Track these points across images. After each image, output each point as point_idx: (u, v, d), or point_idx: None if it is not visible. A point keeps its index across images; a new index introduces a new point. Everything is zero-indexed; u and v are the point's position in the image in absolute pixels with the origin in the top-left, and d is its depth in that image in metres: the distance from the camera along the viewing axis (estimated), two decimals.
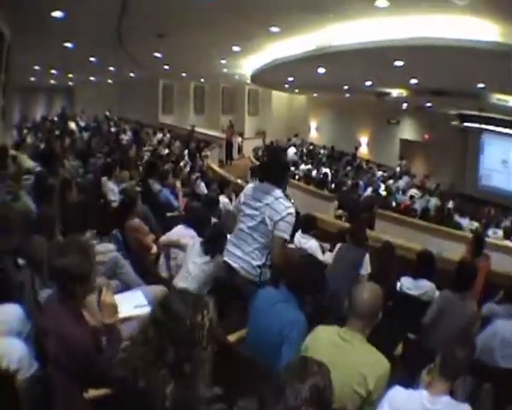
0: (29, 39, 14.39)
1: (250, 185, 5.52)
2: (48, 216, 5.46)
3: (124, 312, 3.88)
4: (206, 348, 2.49)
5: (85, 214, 7.60)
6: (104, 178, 10.95)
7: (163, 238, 7.15)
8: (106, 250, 5.87)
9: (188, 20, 12.44)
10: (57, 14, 11.47)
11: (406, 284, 6.59)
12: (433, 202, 18.96)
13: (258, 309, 4.30)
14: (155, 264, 7.18)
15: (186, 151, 19.92)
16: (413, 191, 20.66)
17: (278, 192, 5.10)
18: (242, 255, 5.14)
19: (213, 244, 5.94)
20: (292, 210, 5.02)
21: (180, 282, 5.87)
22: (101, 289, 3.42)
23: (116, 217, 7.65)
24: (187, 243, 6.40)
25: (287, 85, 27.78)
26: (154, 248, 7.20)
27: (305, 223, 8.32)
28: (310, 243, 7.99)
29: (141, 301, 4.40)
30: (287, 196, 5.33)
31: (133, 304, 4.28)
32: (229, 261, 5.23)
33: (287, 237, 5.01)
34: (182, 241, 6.67)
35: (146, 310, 4.08)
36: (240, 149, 27.99)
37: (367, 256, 6.86)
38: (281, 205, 4.99)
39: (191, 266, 5.93)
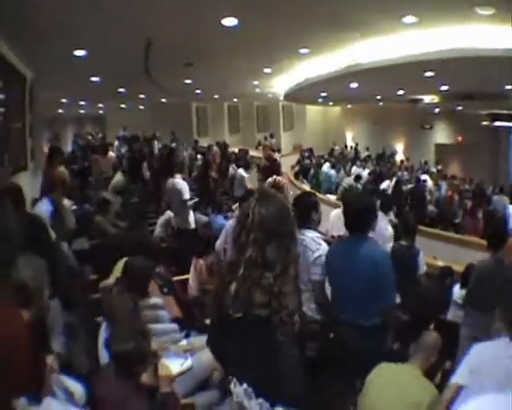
0: (54, 78, 14.73)
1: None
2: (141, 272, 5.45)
3: (174, 371, 4.26)
4: None
5: None
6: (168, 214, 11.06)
7: None
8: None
9: (215, 48, 12.58)
10: (80, 52, 11.67)
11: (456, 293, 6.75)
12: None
13: (343, 259, 4.65)
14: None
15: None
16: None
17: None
18: None
19: None
20: None
21: None
22: (157, 363, 3.80)
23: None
24: None
25: (320, 100, 27.91)
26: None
27: None
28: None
29: (181, 361, 4.65)
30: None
31: (179, 362, 4.56)
32: None
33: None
34: None
35: (188, 363, 4.59)
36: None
37: (421, 255, 6.91)
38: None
39: None
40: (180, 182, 10.26)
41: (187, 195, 10.08)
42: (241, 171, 15.21)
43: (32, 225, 5.48)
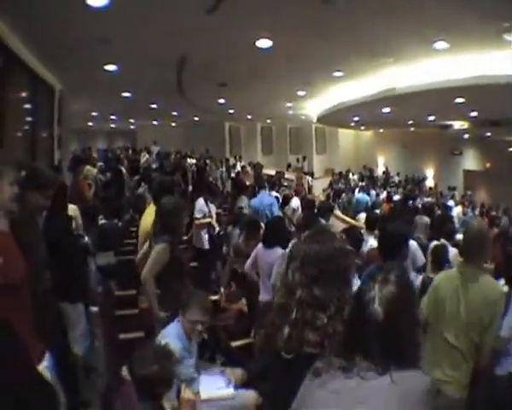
0: (84, 91, 15.03)
1: None
2: None
3: (207, 393, 4.24)
4: None
5: None
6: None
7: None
8: None
9: (250, 69, 12.79)
10: (111, 67, 11.95)
11: None
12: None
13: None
14: None
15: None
16: None
17: None
18: None
19: None
20: None
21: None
22: (181, 386, 3.73)
23: None
24: None
25: (352, 124, 28.05)
26: None
27: None
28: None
29: (222, 384, 4.42)
30: None
31: (216, 386, 4.38)
32: None
33: None
34: None
35: (231, 391, 4.31)
36: (310, 190, 27.63)
37: None
38: None
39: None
40: (198, 201, 9.76)
41: (198, 214, 9.57)
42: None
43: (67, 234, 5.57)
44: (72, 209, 6.61)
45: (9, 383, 2.29)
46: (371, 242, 7.55)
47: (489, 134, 24.92)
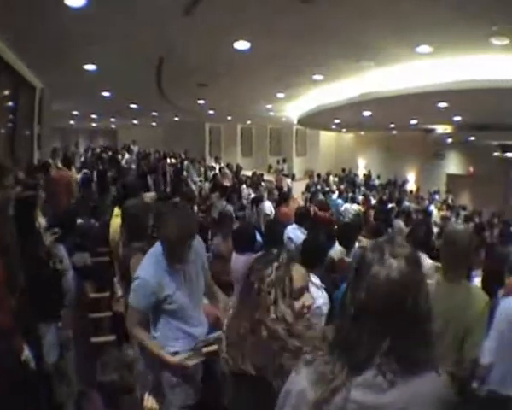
0: (64, 90, 14.93)
1: None
2: None
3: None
4: None
5: None
6: None
7: None
8: None
9: (229, 70, 12.68)
10: (90, 67, 11.89)
11: None
12: None
13: None
14: None
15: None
16: None
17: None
18: None
19: None
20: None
21: None
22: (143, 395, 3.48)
23: None
24: None
25: (334, 126, 27.91)
26: None
27: None
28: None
29: None
30: None
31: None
32: None
33: None
34: None
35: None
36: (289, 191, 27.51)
37: None
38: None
39: None
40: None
41: None
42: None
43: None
44: None
45: None
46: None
47: (473, 138, 24.79)
